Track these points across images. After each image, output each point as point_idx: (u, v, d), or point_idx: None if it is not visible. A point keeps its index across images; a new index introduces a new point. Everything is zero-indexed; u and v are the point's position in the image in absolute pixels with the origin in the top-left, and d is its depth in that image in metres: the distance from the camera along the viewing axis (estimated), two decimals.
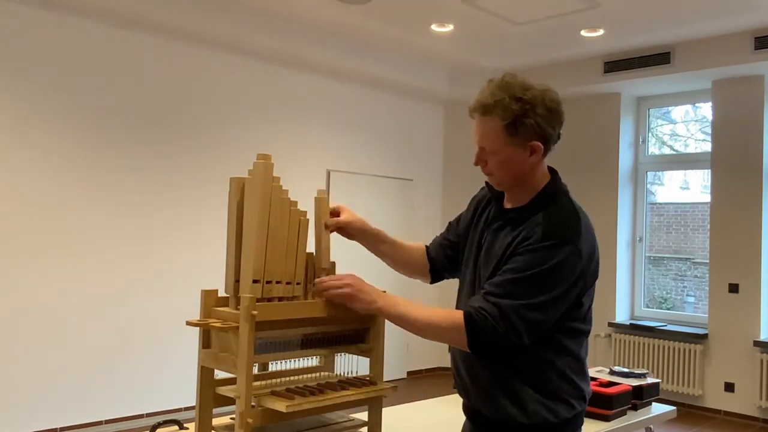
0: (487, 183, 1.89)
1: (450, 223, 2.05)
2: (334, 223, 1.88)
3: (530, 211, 1.70)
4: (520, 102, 1.65)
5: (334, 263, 1.83)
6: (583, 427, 1.79)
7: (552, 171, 1.81)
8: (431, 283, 2.05)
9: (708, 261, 6.26)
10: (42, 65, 4.88)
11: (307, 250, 1.77)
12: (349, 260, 2.38)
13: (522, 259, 1.62)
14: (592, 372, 3.00)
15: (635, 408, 2.79)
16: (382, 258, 2.01)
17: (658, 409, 2.90)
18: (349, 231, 1.92)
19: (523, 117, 1.65)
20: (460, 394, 1.86)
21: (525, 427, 1.67)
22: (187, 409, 5.25)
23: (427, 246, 2.05)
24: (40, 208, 4.88)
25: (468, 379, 1.78)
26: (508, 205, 1.81)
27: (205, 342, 1.68)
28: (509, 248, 1.67)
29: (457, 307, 1.83)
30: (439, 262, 1.99)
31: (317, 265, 1.78)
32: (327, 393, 1.66)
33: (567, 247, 1.61)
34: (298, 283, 1.71)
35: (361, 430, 1.81)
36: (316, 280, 1.72)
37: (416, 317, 1.67)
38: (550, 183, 1.76)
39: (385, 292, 1.72)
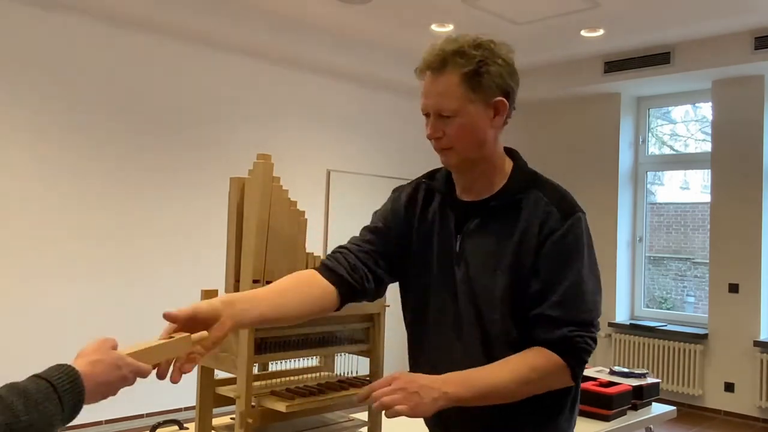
0: (430, 174, 1.64)
1: (369, 228, 1.63)
2: (212, 342, 1.27)
3: (516, 193, 1.49)
4: (480, 48, 1.43)
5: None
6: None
7: (512, 150, 1.59)
8: (336, 311, 1.53)
9: (708, 261, 6.26)
10: (41, 65, 4.88)
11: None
12: None
13: (558, 257, 1.43)
14: (592, 372, 3.00)
15: (635, 408, 2.79)
16: (265, 318, 1.39)
17: (658, 409, 2.90)
18: (200, 322, 1.28)
19: (485, 64, 1.42)
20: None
21: None
22: (187, 409, 5.25)
23: (325, 265, 1.51)
24: (39, 207, 4.87)
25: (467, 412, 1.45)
26: (465, 197, 1.55)
27: None
28: (521, 244, 1.45)
29: (430, 332, 1.56)
30: (360, 283, 1.51)
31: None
32: (327, 393, 1.66)
33: (584, 216, 1.49)
34: None
35: (361, 430, 1.81)
36: (358, 395, 1.36)
37: (501, 382, 1.37)
38: (520, 160, 1.56)
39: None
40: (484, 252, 1.49)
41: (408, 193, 1.64)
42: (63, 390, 1.00)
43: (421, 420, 1.57)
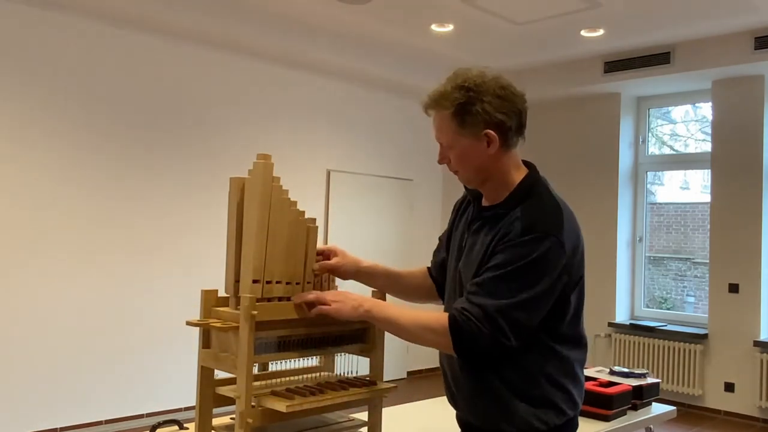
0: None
1: (440, 238, 1.98)
2: (322, 267, 1.80)
3: (507, 206, 1.65)
4: (462, 90, 1.62)
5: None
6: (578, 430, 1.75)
7: (529, 165, 1.75)
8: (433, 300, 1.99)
9: (708, 261, 6.26)
10: (40, 65, 4.88)
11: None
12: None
13: (502, 256, 1.57)
14: (592, 372, 3.00)
15: (635, 408, 2.79)
16: (386, 292, 1.92)
17: (658, 409, 2.90)
18: (340, 274, 1.87)
19: (467, 104, 1.61)
20: (451, 405, 1.83)
21: None
22: (187, 409, 5.25)
23: (428, 267, 1.98)
24: (40, 207, 4.88)
25: (455, 388, 1.75)
26: (485, 204, 1.76)
27: (205, 342, 1.68)
28: (489, 247, 1.62)
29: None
30: (443, 281, 1.91)
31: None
32: (327, 393, 1.66)
33: (548, 239, 1.55)
34: (297, 283, 1.71)
35: (361, 430, 1.81)
36: (294, 297, 1.67)
37: (405, 321, 1.63)
38: (526, 177, 1.70)
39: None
40: (473, 250, 1.70)
41: (459, 201, 1.92)
42: None
43: (421, 420, 1.70)
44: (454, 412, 1.84)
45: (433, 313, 1.63)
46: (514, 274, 1.55)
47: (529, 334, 1.57)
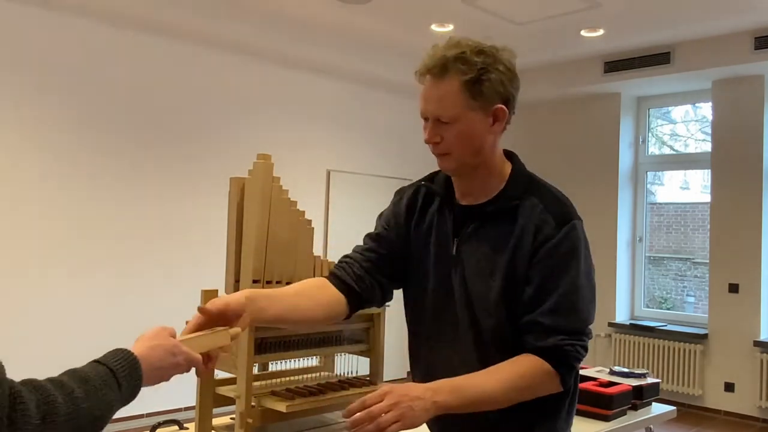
0: (430, 177, 1.63)
1: (371, 236, 1.63)
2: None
3: (512, 198, 1.48)
4: (482, 55, 1.41)
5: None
6: (572, 425, 1.72)
7: (511, 153, 1.58)
8: (346, 319, 1.58)
9: (708, 261, 6.26)
10: (40, 65, 4.88)
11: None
12: None
13: (551, 263, 1.42)
14: (592, 372, 3.00)
15: (635, 408, 2.78)
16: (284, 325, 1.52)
17: (658, 409, 2.89)
18: (228, 316, 1.32)
19: (486, 71, 1.41)
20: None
21: None
22: (187, 409, 5.25)
23: (335, 274, 1.54)
24: (38, 207, 4.87)
25: (477, 419, 1.45)
26: (465, 201, 1.54)
27: None
28: (516, 249, 1.44)
29: (428, 334, 1.56)
30: (367, 292, 1.55)
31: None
32: (327, 393, 1.66)
33: (579, 224, 1.47)
34: None
35: None
36: (346, 411, 1.27)
37: (491, 391, 1.36)
38: (518, 164, 1.55)
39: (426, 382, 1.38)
40: (480, 257, 1.48)
41: (409, 195, 1.64)
42: (121, 375, 1.03)
43: None
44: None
45: (517, 364, 1.40)
46: (572, 276, 1.43)
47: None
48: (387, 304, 1.79)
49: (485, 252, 1.48)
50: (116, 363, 1.04)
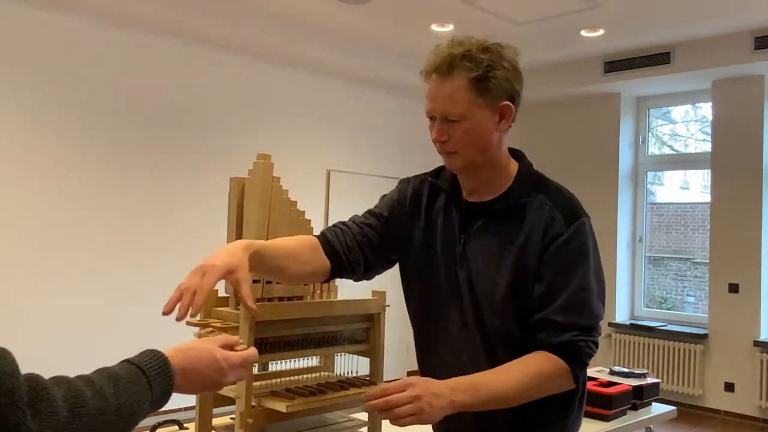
0: (435, 172, 1.64)
1: (373, 213, 1.64)
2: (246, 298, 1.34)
3: (519, 195, 1.49)
4: (487, 52, 1.43)
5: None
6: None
7: (517, 151, 1.59)
8: (323, 282, 1.62)
9: (708, 261, 6.26)
10: (39, 65, 4.88)
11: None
12: None
13: (562, 261, 1.43)
14: (592, 372, 3.00)
15: (635, 408, 2.79)
16: (271, 276, 1.53)
17: (658, 409, 2.90)
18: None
19: (493, 69, 1.42)
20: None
21: None
22: (187, 409, 5.24)
23: (327, 238, 1.55)
24: (38, 207, 4.87)
25: (488, 419, 1.47)
26: (472, 198, 1.55)
27: None
28: (525, 246, 1.45)
29: (435, 331, 1.57)
30: (352, 264, 1.55)
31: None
32: (327, 393, 1.66)
33: (588, 221, 1.50)
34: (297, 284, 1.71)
35: (361, 430, 1.81)
36: (365, 395, 1.30)
37: (508, 389, 1.37)
38: (525, 163, 1.56)
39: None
40: (487, 254, 1.49)
41: (414, 186, 1.65)
42: (152, 376, 1.00)
43: None
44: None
45: (531, 361, 1.41)
46: (584, 273, 1.45)
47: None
48: (386, 304, 1.79)
49: (492, 249, 1.48)
50: (146, 362, 1.01)
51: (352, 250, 1.55)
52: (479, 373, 1.40)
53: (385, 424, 1.81)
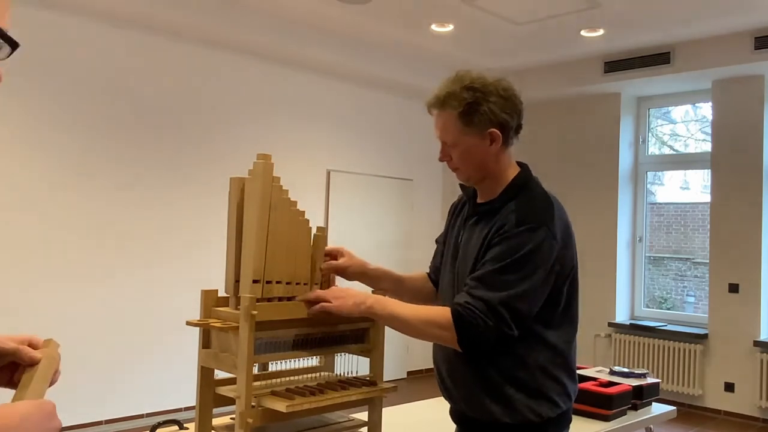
0: (461, 184, 1.92)
1: (437, 241, 2.04)
2: (329, 267, 1.81)
3: (502, 201, 1.74)
4: (471, 90, 1.70)
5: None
6: (571, 425, 1.79)
7: (522, 165, 1.84)
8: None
9: (708, 261, 6.26)
10: (40, 65, 4.88)
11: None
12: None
13: (499, 249, 1.65)
14: (592, 372, 3.00)
15: (635, 408, 2.79)
16: (389, 295, 1.93)
17: (658, 409, 2.90)
18: (347, 275, 1.89)
19: (475, 105, 1.69)
20: (446, 398, 1.87)
21: (509, 427, 1.68)
22: (187, 409, 5.25)
23: (428, 273, 2.05)
24: (38, 207, 4.87)
25: (450, 381, 1.79)
26: (480, 201, 1.84)
27: (205, 342, 1.68)
28: (485, 239, 1.70)
29: (441, 287, 1.88)
30: (437, 284, 1.99)
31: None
32: (327, 393, 1.66)
33: (541, 230, 1.64)
34: (297, 284, 1.71)
35: (361, 430, 1.81)
36: (304, 297, 1.67)
37: (408, 316, 1.67)
38: (519, 174, 1.79)
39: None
40: (469, 245, 1.77)
41: (454, 203, 1.99)
42: None
43: (421, 420, 1.70)
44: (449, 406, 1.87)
45: (437, 308, 1.68)
46: (512, 266, 1.62)
47: (524, 325, 1.64)
48: None
49: (472, 241, 1.77)
50: None
51: (437, 279, 1.99)
52: (398, 300, 1.74)
53: (385, 424, 1.81)
